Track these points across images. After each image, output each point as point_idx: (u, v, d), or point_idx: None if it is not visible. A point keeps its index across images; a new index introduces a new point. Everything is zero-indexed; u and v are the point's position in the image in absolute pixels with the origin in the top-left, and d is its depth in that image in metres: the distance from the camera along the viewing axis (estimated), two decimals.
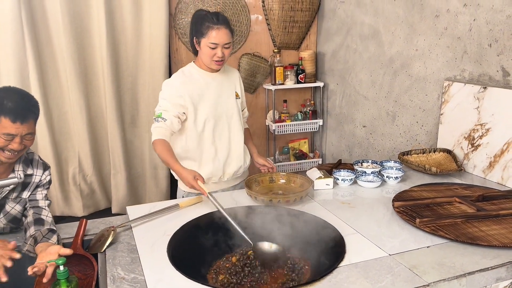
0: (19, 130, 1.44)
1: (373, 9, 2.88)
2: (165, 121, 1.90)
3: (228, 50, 1.94)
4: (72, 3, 2.88)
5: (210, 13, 1.93)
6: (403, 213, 1.60)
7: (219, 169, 2.06)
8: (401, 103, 2.71)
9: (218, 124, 2.03)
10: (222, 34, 1.88)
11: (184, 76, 2.00)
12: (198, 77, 2.01)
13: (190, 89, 1.96)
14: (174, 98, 1.93)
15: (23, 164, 1.58)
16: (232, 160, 2.10)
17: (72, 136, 3.13)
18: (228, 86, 2.07)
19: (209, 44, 1.89)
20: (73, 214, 3.23)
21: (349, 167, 2.22)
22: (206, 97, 1.99)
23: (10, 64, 2.82)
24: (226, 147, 2.07)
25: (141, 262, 1.33)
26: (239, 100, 2.12)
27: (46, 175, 1.66)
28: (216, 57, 1.92)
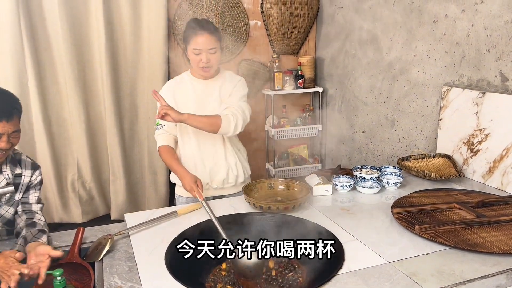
0: (5, 128, 1.44)
1: (372, 14, 2.89)
2: (163, 127, 2.01)
3: (215, 56, 1.93)
4: (71, 10, 2.89)
5: (194, 20, 1.97)
6: (402, 219, 1.59)
7: (205, 175, 2.06)
8: (400, 109, 2.71)
9: (201, 132, 1.98)
10: (204, 39, 1.89)
11: (175, 82, 2.07)
12: (188, 83, 2.04)
13: (175, 94, 2.01)
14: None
15: (10, 164, 1.57)
16: (220, 168, 2.09)
17: (71, 142, 3.12)
18: (217, 93, 2.04)
19: (193, 50, 1.91)
20: (72, 221, 3.21)
21: (348, 172, 2.21)
22: (190, 102, 2.00)
23: (8, 71, 2.82)
24: (211, 154, 2.07)
25: (138, 271, 1.32)
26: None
27: (36, 175, 1.65)
28: (201, 63, 1.92)
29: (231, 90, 2.05)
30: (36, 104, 2.91)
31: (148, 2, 3.06)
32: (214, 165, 2.08)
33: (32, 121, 2.97)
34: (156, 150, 3.23)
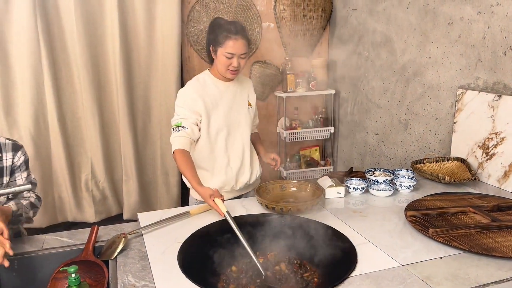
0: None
1: (385, 17, 2.87)
2: (186, 129, 1.89)
3: (244, 60, 1.93)
4: (87, 11, 2.93)
5: (228, 23, 1.91)
6: (415, 222, 1.58)
7: (232, 178, 2.06)
8: (413, 111, 2.69)
9: (230, 133, 2.03)
10: (239, 44, 1.87)
11: (199, 83, 1.99)
12: (212, 85, 2.00)
13: (204, 96, 1.95)
14: (190, 106, 1.92)
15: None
16: (245, 169, 2.10)
17: (85, 142, 3.16)
18: (241, 95, 2.07)
19: (226, 53, 1.87)
20: (85, 220, 3.25)
21: (360, 175, 2.20)
22: (220, 106, 1.99)
23: (25, 71, 2.87)
24: (238, 156, 2.07)
25: (151, 270, 1.33)
26: (251, 109, 2.11)
27: (18, 156, 1.65)
28: (231, 67, 1.91)
29: (254, 97, 2.14)
30: (51, 104, 2.96)
31: (162, 4, 3.09)
32: (240, 167, 2.07)
33: (47, 121, 3.01)
34: (169, 151, 3.32)
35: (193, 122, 1.91)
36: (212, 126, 1.98)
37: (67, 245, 1.56)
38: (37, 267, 1.48)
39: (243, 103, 2.07)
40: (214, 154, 2.03)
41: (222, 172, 2.03)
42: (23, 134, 2.94)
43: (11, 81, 2.89)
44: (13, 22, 2.81)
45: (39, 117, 2.98)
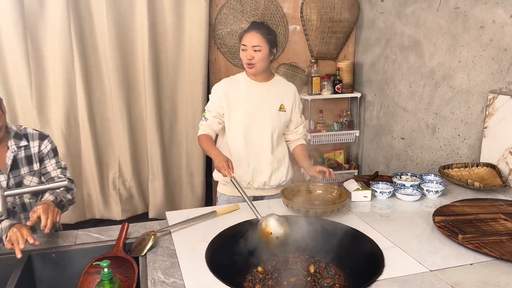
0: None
1: (414, 19, 2.84)
2: (207, 120, 2.10)
3: (259, 54, 1.99)
4: (118, 15, 3.00)
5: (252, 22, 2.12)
6: (444, 228, 1.56)
7: (248, 174, 2.11)
8: (442, 116, 2.65)
9: (251, 131, 2.08)
10: (250, 36, 1.98)
11: (231, 81, 2.14)
12: (243, 84, 2.10)
13: (230, 91, 2.08)
14: (216, 100, 2.10)
15: (14, 138, 1.71)
16: (263, 169, 2.12)
17: (113, 142, 3.24)
18: (273, 97, 2.10)
19: (241, 46, 2.02)
20: (112, 218, 3.33)
21: (386, 179, 2.18)
22: (245, 103, 2.07)
23: (58, 72, 2.97)
24: (256, 155, 2.11)
25: (180, 267, 1.36)
26: (284, 113, 2.12)
27: (45, 145, 1.77)
28: (246, 59, 2.00)
29: (292, 103, 2.14)
30: (82, 104, 3.04)
31: (190, 8, 3.14)
32: (257, 166, 2.11)
33: (78, 121, 3.10)
34: (194, 152, 3.37)
35: (214, 115, 2.09)
36: (232, 121, 2.09)
37: (98, 241, 1.61)
38: (70, 261, 1.53)
39: (273, 104, 2.10)
40: (234, 147, 2.11)
41: (239, 166, 2.08)
42: (55, 133, 3.04)
43: (44, 82, 2.99)
44: (48, 25, 2.91)
45: (70, 117, 3.07)
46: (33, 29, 2.89)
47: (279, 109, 2.11)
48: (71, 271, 1.54)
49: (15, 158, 1.70)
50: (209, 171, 3.47)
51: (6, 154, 1.69)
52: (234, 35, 3.33)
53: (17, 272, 1.40)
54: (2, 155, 1.69)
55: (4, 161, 1.69)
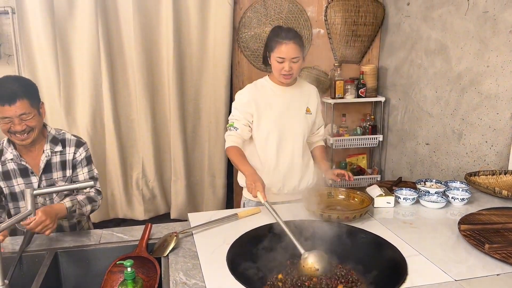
0: (11, 112, 1.56)
1: (441, 23, 2.79)
2: (237, 130, 2.01)
3: (297, 64, 1.96)
4: (144, 17, 3.06)
5: (281, 28, 1.97)
6: (470, 237, 1.53)
7: (279, 180, 2.08)
8: (468, 121, 2.59)
9: (282, 137, 2.05)
10: (289, 48, 1.90)
11: (255, 87, 2.07)
12: (268, 89, 2.06)
13: (257, 98, 2.02)
14: (243, 107, 2.02)
15: (50, 143, 1.73)
16: (293, 174, 2.11)
17: (137, 142, 3.29)
18: (298, 101, 2.08)
19: (277, 58, 1.93)
20: (135, 218, 3.38)
21: (409, 186, 2.15)
22: (274, 108, 2.03)
23: (85, 73, 3.04)
24: (288, 160, 2.08)
25: (202, 269, 1.37)
26: (310, 115, 2.11)
27: (80, 152, 1.78)
28: (283, 71, 1.95)
29: (317, 105, 2.14)
30: (108, 105, 3.11)
31: (215, 11, 3.17)
32: (288, 171, 2.09)
33: (104, 121, 3.16)
34: (216, 154, 3.39)
35: (244, 123, 2.01)
36: (262, 128, 2.03)
37: (121, 240, 1.64)
38: (95, 259, 1.57)
39: (300, 108, 2.08)
40: (264, 155, 2.07)
41: (270, 173, 2.06)
42: (81, 133, 3.11)
43: (72, 83, 3.07)
44: (77, 27, 2.99)
45: (96, 118, 3.14)
46: (62, 31, 2.97)
47: (306, 112, 2.10)
48: (96, 269, 1.57)
49: (49, 162, 1.72)
50: (230, 173, 3.49)
51: (41, 157, 1.72)
52: (258, 38, 3.35)
53: (43, 269, 1.43)
54: (37, 157, 1.72)
55: (38, 163, 1.72)
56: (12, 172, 1.69)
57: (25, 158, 1.70)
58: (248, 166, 1.87)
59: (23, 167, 1.69)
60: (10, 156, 1.67)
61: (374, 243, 1.54)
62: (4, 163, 1.68)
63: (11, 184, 1.71)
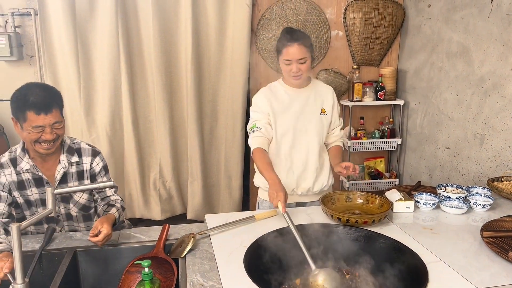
0: (46, 121, 1.55)
1: (463, 26, 2.74)
2: (260, 129, 1.99)
3: (305, 65, 1.96)
4: (163, 19, 3.08)
5: (286, 30, 1.99)
6: (493, 244, 1.49)
7: (292, 182, 2.07)
8: (491, 126, 2.54)
9: (296, 138, 2.05)
10: (294, 50, 1.91)
11: (269, 90, 2.08)
12: (282, 92, 2.06)
13: (272, 101, 2.03)
14: (262, 107, 2.02)
15: (66, 153, 1.71)
16: (307, 175, 2.09)
17: (155, 143, 3.31)
18: (314, 102, 2.08)
19: (284, 60, 1.95)
20: (152, 218, 3.40)
21: (428, 190, 2.11)
22: (288, 111, 2.03)
23: (105, 74, 3.08)
24: (302, 162, 2.07)
25: (219, 271, 1.37)
26: (326, 116, 2.10)
27: (97, 162, 1.76)
28: (292, 72, 1.96)
29: (332, 105, 2.12)
30: (127, 106, 3.14)
31: (233, 13, 3.17)
32: (302, 172, 2.08)
33: (122, 122, 3.19)
34: (232, 155, 3.39)
35: (266, 122, 2.01)
36: (278, 129, 2.03)
37: (139, 240, 1.65)
38: (113, 259, 1.58)
39: (315, 109, 2.08)
40: (279, 156, 2.06)
41: (284, 174, 2.05)
42: (100, 134, 3.14)
43: (92, 83, 3.11)
44: (97, 29, 3.03)
45: (115, 118, 3.17)
46: (83, 33, 3.02)
47: (321, 113, 2.09)
48: (114, 269, 1.58)
49: (65, 173, 1.71)
50: (246, 175, 3.48)
51: (57, 168, 1.69)
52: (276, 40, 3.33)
53: (63, 267, 1.45)
54: (52, 168, 1.69)
55: (53, 174, 1.69)
56: (26, 182, 1.66)
57: (40, 168, 1.67)
58: (272, 174, 1.81)
59: (38, 177, 1.67)
60: (27, 166, 1.64)
61: (393, 249, 1.52)
62: (19, 173, 1.65)
63: (25, 194, 1.68)
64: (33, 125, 1.55)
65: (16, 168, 1.64)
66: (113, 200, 1.78)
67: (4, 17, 3.06)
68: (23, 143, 1.67)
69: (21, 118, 1.55)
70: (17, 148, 1.68)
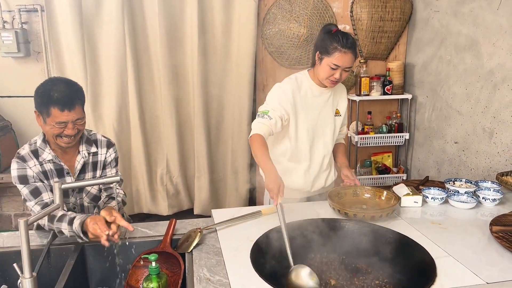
0: (69, 117, 1.57)
1: (472, 18, 2.70)
2: (270, 119, 1.86)
3: (347, 73, 1.89)
4: (169, 15, 3.07)
5: (341, 34, 1.85)
6: (502, 239, 1.47)
7: (309, 183, 2.05)
8: (500, 119, 2.51)
9: (314, 139, 2.01)
10: (347, 58, 1.83)
11: (296, 82, 1.97)
12: (307, 87, 1.98)
13: (296, 96, 1.94)
14: (283, 101, 1.90)
15: (86, 144, 1.74)
16: (321, 175, 2.09)
17: (162, 139, 3.32)
18: (331, 103, 2.03)
19: (331, 64, 1.84)
20: (159, 213, 3.41)
21: (436, 185, 2.09)
22: (309, 110, 1.97)
23: (112, 70, 3.08)
24: (319, 163, 2.05)
25: (225, 265, 1.37)
26: (339, 117, 2.07)
27: (110, 153, 1.80)
28: (333, 78, 1.87)
29: (346, 106, 2.09)
30: (133, 101, 3.14)
31: (239, 7, 3.16)
32: (318, 173, 2.06)
33: (129, 118, 3.20)
34: (239, 150, 3.39)
35: (279, 115, 1.88)
36: (299, 126, 1.96)
37: (146, 235, 1.65)
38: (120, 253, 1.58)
39: (331, 110, 2.04)
40: (298, 156, 2.02)
41: (301, 176, 2.02)
42: (107, 129, 3.15)
43: (99, 79, 3.12)
44: (103, 25, 3.03)
45: (122, 114, 3.18)
46: (89, 28, 3.02)
47: (335, 114, 2.06)
48: (121, 263, 1.59)
49: (84, 163, 1.73)
50: (253, 170, 3.48)
51: (77, 158, 1.72)
52: (282, 34, 3.32)
53: (70, 262, 1.46)
54: (72, 159, 1.72)
55: (73, 165, 1.72)
56: (49, 173, 1.68)
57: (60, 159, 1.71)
58: (270, 163, 1.70)
59: (60, 168, 1.69)
60: (49, 157, 1.66)
61: (401, 243, 1.51)
62: (42, 163, 1.67)
63: (48, 184, 1.70)
64: (56, 121, 1.57)
65: (38, 159, 1.66)
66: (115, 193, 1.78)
67: (11, 13, 3.07)
68: (43, 135, 1.69)
69: (45, 113, 1.58)
70: (37, 140, 1.70)
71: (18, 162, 1.63)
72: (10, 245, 1.59)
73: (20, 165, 1.63)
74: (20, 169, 1.62)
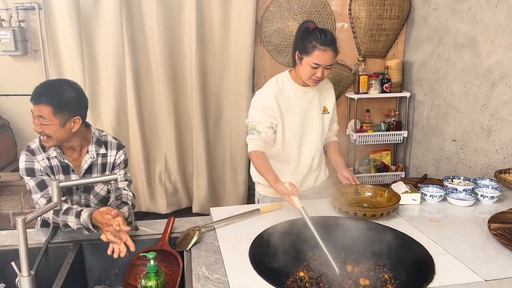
0: (35, 110, 1.56)
1: (471, 16, 2.70)
2: (260, 133, 1.88)
3: (329, 71, 1.86)
4: (167, 13, 3.07)
5: (319, 31, 1.81)
6: (501, 236, 1.47)
7: (297, 183, 2.01)
8: (498, 117, 2.51)
9: (303, 139, 2.00)
10: (327, 56, 1.79)
11: (277, 86, 1.94)
12: (289, 89, 1.95)
13: (280, 100, 1.92)
14: (266, 110, 1.90)
15: (95, 145, 1.72)
16: (311, 175, 2.08)
17: (160, 137, 3.31)
18: (317, 101, 2.01)
19: (312, 63, 1.81)
20: (157, 211, 3.41)
21: (435, 183, 2.09)
22: (295, 111, 1.95)
23: (110, 68, 3.07)
24: (307, 163, 2.04)
25: (224, 263, 1.37)
26: (327, 115, 2.05)
27: (120, 155, 1.78)
28: (315, 77, 1.84)
29: (334, 103, 2.07)
30: (132, 100, 3.14)
31: (237, 6, 3.15)
32: (307, 173, 2.05)
33: (127, 116, 3.20)
34: (237, 149, 3.38)
35: (267, 125, 1.89)
36: (286, 130, 1.96)
37: (144, 234, 1.65)
38: None
39: (318, 108, 2.01)
40: (285, 158, 2.01)
41: (288, 175, 1.99)
42: (105, 128, 3.14)
43: (97, 78, 3.11)
44: (101, 23, 3.02)
45: (120, 112, 3.17)
46: (87, 27, 3.01)
47: (323, 112, 2.03)
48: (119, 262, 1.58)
49: (92, 164, 1.72)
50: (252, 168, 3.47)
51: (84, 157, 1.71)
52: (281, 32, 3.31)
53: (69, 260, 1.46)
54: (79, 158, 1.71)
55: (80, 164, 1.71)
56: (55, 168, 1.68)
57: (67, 157, 1.69)
58: (273, 175, 1.75)
59: (65, 165, 1.69)
60: (54, 153, 1.66)
61: (400, 241, 1.51)
62: (49, 158, 1.67)
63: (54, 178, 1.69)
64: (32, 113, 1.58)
65: (46, 154, 1.67)
66: (125, 195, 1.76)
67: (9, 11, 3.06)
68: None
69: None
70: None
71: (27, 154, 1.64)
72: (8, 243, 1.59)
73: (29, 157, 1.64)
74: (28, 162, 1.63)
